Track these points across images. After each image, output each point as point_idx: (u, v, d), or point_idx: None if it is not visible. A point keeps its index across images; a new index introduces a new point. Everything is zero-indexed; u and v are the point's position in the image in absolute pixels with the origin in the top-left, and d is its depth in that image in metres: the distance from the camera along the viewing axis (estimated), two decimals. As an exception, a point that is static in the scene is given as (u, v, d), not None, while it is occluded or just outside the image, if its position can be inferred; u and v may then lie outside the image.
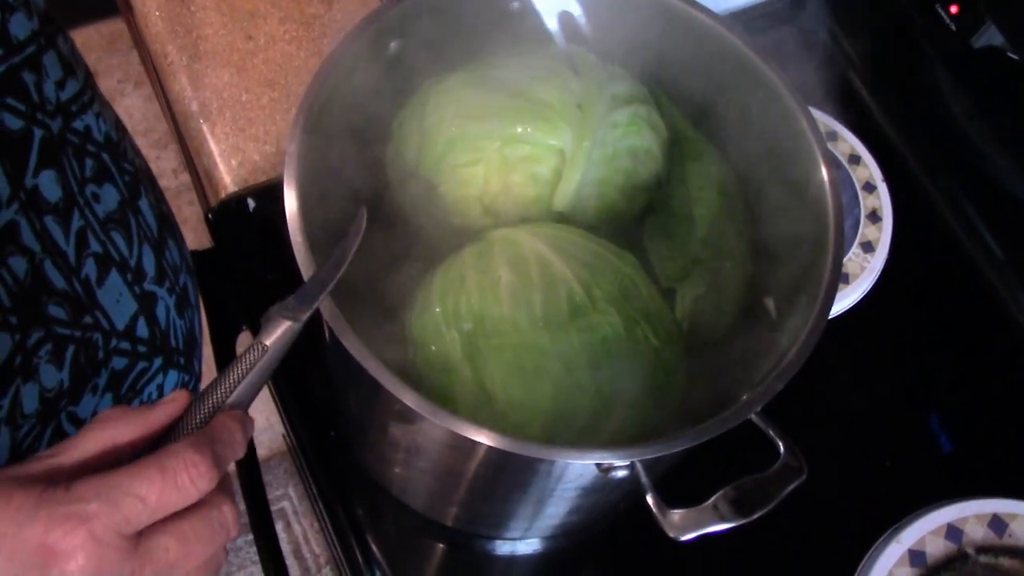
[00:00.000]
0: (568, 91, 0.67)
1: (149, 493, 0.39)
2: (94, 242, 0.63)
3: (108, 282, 0.64)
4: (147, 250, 0.69)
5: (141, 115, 2.08)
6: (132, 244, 0.68)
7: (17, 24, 0.56)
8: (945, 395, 0.87)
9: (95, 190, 0.64)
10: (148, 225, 0.71)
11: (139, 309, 0.68)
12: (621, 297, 0.62)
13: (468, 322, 0.61)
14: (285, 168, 0.59)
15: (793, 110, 0.66)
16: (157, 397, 0.72)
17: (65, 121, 0.61)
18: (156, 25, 0.95)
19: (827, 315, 0.59)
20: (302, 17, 0.95)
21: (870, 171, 0.92)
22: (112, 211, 0.66)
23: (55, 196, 0.59)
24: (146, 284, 0.69)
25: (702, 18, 0.69)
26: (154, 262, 0.70)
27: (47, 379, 0.59)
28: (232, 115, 0.90)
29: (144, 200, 0.71)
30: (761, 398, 0.56)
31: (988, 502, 0.78)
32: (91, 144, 0.64)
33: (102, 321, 0.64)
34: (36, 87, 0.58)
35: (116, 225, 0.66)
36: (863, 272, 0.87)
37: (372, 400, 0.63)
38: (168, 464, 0.40)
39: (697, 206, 0.72)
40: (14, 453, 0.58)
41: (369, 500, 0.78)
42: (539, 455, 0.53)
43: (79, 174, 0.62)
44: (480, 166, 0.66)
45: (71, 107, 0.62)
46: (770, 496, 0.55)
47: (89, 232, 0.62)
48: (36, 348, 0.57)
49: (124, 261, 0.66)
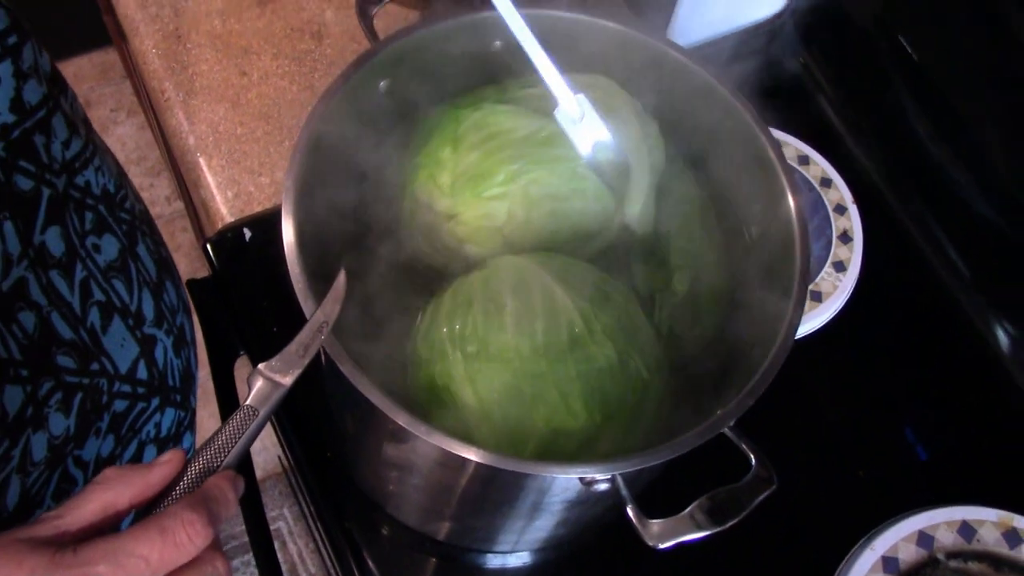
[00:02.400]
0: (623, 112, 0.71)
1: (151, 553, 0.42)
2: (97, 291, 0.65)
3: (112, 328, 0.67)
4: (146, 295, 0.72)
5: (134, 144, 2.11)
6: (132, 290, 0.70)
7: (30, 91, 0.59)
8: (917, 407, 0.90)
9: (95, 241, 0.66)
10: (147, 270, 0.73)
11: (140, 352, 0.70)
12: (618, 331, 0.65)
13: (472, 344, 0.64)
14: (283, 200, 0.62)
15: (760, 141, 0.69)
16: (155, 435, 0.74)
17: (69, 178, 0.64)
18: (153, 62, 0.98)
19: (794, 334, 0.62)
20: (294, 53, 0.99)
21: (841, 193, 0.95)
22: (112, 260, 0.68)
23: (59, 251, 0.62)
24: (146, 328, 0.71)
25: (673, 53, 0.73)
26: (153, 306, 0.72)
27: (55, 427, 0.61)
28: (227, 148, 0.94)
29: (142, 246, 0.74)
30: (733, 413, 0.59)
31: (957, 509, 0.81)
32: (90, 198, 0.67)
33: (107, 366, 0.66)
34: (45, 148, 0.61)
35: (117, 273, 0.68)
36: (835, 291, 0.91)
37: (367, 420, 0.66)
38: (167, 525, 0.43)
39: (673, 220, 0.75)
40: (24, 499, 0.60)
41: (364, 517, 0.80)
42: (525, 470, 0.56)
43: (79, 227, 0.64)
44: (506, 201, 0.69)
45: (75, 164, 0.65)
46: (743, 505, 0.58)
47: (92, 282, 0.65)
48: (47, 398, 0.59)
49: (125, 307, 0.69)
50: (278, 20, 1.01)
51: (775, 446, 0.61)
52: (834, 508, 0.84)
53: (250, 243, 0.89)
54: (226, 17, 1.01)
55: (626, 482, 0.57)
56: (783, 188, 0.68)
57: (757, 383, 0.60)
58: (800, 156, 0.97)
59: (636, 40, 0.74)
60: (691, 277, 0.74)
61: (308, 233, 0.62)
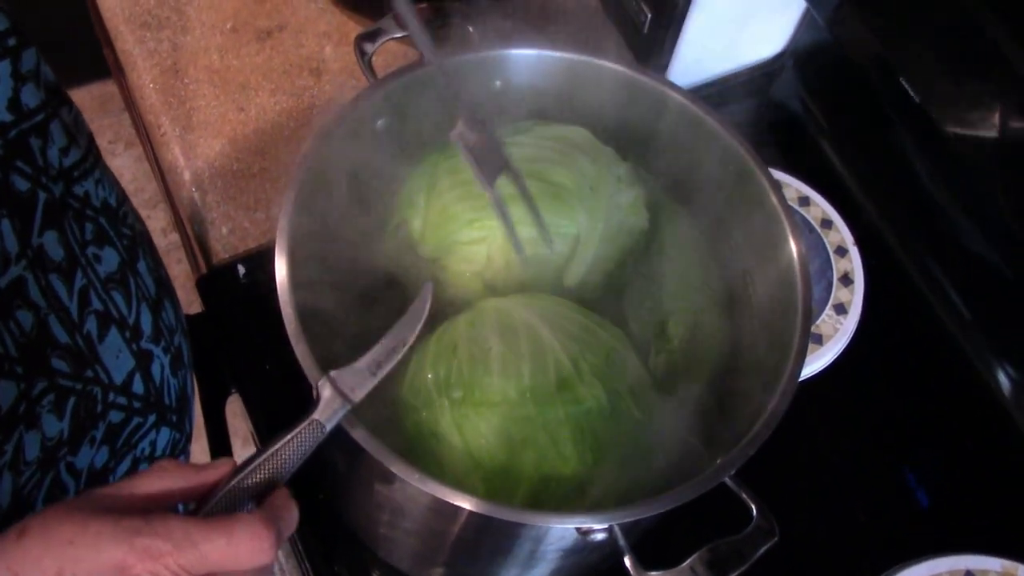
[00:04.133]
0: (582, 174, 0.70)
1: (215, 553, 0.43)
2: (96, 300, 0.66)
3: (108, 338, 0.67)
4: (145, 310, 0.72)
5: (131, 175, 2.11)
6: (131, 303, 0.70)
7: (28, 93, 0.60)
8: (919, 452, 0.89)
9: (96, 251, 0.67)
10: (146, 287, 0.73)
11: (136, 365, 0.70)
12: (607, 370, 0.64)
13: (458, 390, 0.63)
14: (277, 239, 0.62)
15: (761, 182, 0.69)
16: (150, 453, 0.74)
17: (66, 186, 0.64)
18: (150, 97, 0.98)
19: (796, 381, 0.61)
20: (292, 89, 0.99)
21: (842, 235, 0.95)
22: (112, 272, 0.68)
23: (58, 256, 0.62)
24: (143, 342, 0.71)
25: (674, 95, 0.73)
26: (151, 322, 0.72)
27: (49, 428, 0.61)
28: (223, 184, 0.93)
29: (143, 263, 0.74)
30: (734, 463, 0.58)
31: (961, 559, 0.80)
32: (90, 209, 0.67)
33: (101, 375, 0.66)
34: (41, 152, 0.62)
35: (116, 285, 0.69)
36: (836, 333, 0.90)
37: (358, 464, 0.65)
38: (238, 532, 0.43)
39: (669, 263, 0.74)
40: (16, 499, 0.60)
41: (354, 560, 0.79)
42: (520, 519, 0.55)
43: (79, 236, 0.65)
44: (484, 245, 0.69)
45: (72, 173, 0.66)
46: (744, 557, 0.57)
47: (91, 291, 0.65)
48: (40, 398, 0.60)
49: (123, 319, 0.69)
50: (277, 56, 1.01)
51: (773, 490, 0.59)
52: (835, 557, 0.83)
53: (244, 280, 0.88)
54: (224, 52, 1.00)
55: (624, 531, 0.56)
56: (784, 231, 0.67)
57: (758, 432, 0.59)
58: (800, 197, 0.96)
59: (636, 81, 0.73)
60: (686, 322, 0.73)
61: (301, 272, 0.61)
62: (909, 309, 0.96)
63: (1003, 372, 0.92)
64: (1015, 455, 0.90)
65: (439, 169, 0.72)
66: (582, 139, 0.73)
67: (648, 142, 0.76)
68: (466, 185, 0.70)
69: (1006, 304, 0.92)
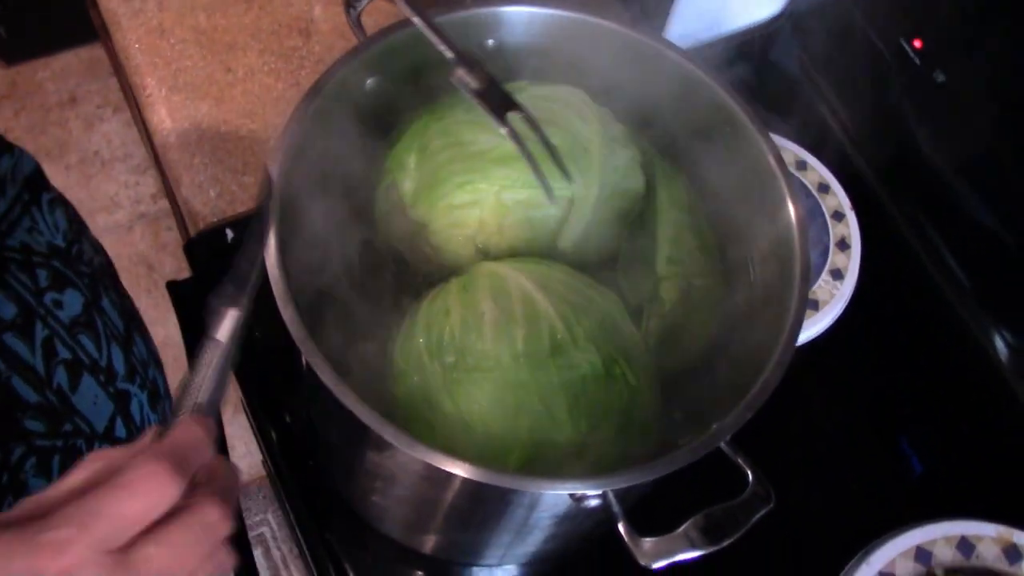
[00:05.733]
0: (576, 136, 0.68)
1: (117, 510, 0.40)
2: (63, 349, 0.63)
3: (82, 386, 0.65)
4: (116, 349, 0.70)
5: (120, 141, 2.08)
6: (101, 345, 0.68)
7: None
8: (914, 418, 0.89)
9: (56, 297, 0.64)
10: (114, 324, 0.71)
11: (115, 409, 0.68)
12: (601, 335, 0.63)
13: (450, 355, 0.62)
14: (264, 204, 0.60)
15: (760, 147, 0.67)
16: None
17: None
18: (135, 57, 0.96)
19: (793, 346, 0.60)
20: (281, 49, 0.97)
21: (839, 200, 0.93)
22: (77, 315, 0.66)
23: (9, 313, 0.59)
24: (119, 383, 0.69)
25: (671, 55, 0.71)
26: (123, 360, 0.70)
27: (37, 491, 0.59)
28: (211, 146, 0.91)
29: (106, 299, 0.71)
30: (730, 428, 0.57)
31: (956, 524, 0.79)
32: (36, 256, 0.64)
33: (82, 426, 0.64)
34: None
35: (83, 328, 0.66)
36: (833, 299, 0.89)
37: (349, 431, 0.64)
38: (129, 479, 0.41)
39: (662, 227, 0.73)
40: None
41: (347, 528, 0.78)
42: (513, 486, 0.54)
43: (33, 285, 0.62)
44: (476, 208, 0.67)
45: (0, 226, 0.62)
46: (739, 524, 0.56)
47: (56, 340, 0.63)
48: (21, 463, 0.58)
49: (95, 363, 0.66)
50: (265, 16, 0.99)
51: (768, 456, 0.59)
52: (829, 522, 0.83)
53: (232, 244, 0.86)
54: (211, 12, 0.98)
55: (617, 498, 0.55)
56: (783, 195, 0.66)
57: (754, 397, 0.58)
58: (798, 161, 0.95)
59: (633, 40, 0.72)
60: (680, 287, 0.71)
61: (289, 237, 0.60)
62: (906, 274, 0.95)
63: (1000, 338, 0.91)
64: (1010, 421, 0.89)
65: (430, 130, 0.70)
66: (577, 100, 0.71)
67: (645, 103, 0.74)
68: (458, 147, 0.68)
69: (1004, 270, 0.91)
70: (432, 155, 0.69)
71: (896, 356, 0.91)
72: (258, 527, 1.73)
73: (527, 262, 0.68)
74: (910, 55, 0.91)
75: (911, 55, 0.91)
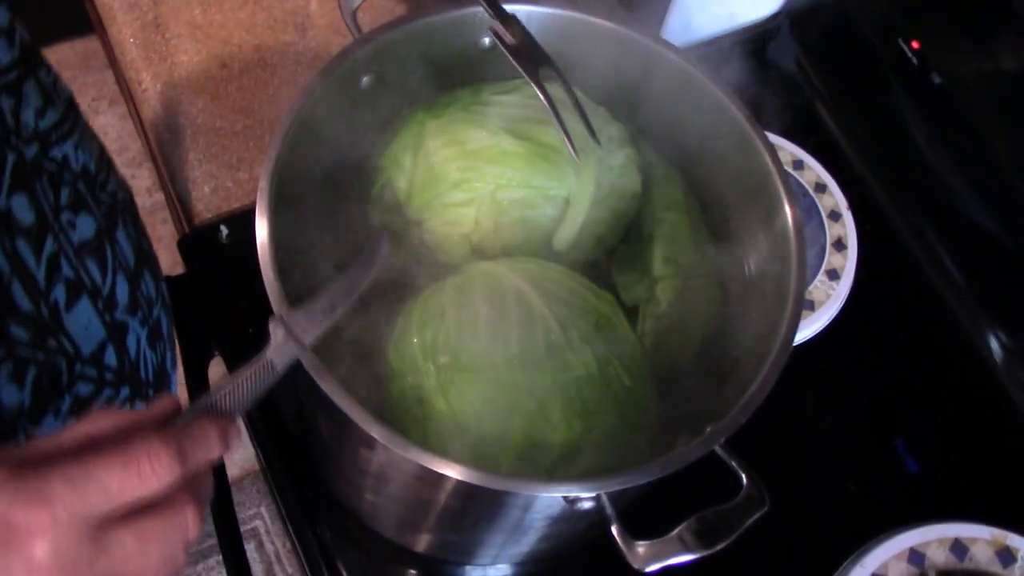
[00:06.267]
0: (572, 135, 0.68)
1: (111, 479, 0.39)
2: (66, 267, 0.63)
3: (78, 308, 0.64)
4: (121, 280, 0.70)
5: (116, 133, 2.08)
6: (107, 273, 0.68)
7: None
8: (910, 419, 0.89)
9: (71, 218, 0.64)
10: (124, 256, 0.71)
11: (108, 337, 0.68)
12: (597, 336, 0.63)
13: (445, 355, 0.62)
14: (258, 200, 0.60)
15: (757, 146, 0.67)
16: None
17: (42, 148, 0.62)
18: (131, 52, 0.95)
19: (789, 348, 0.60)
20: (277, 45, 0.96)
21: (836, 199, 0.93)
22: (88, 239, 0.66)
23: (27, 220, 0.60)
24: (118, 313, 0.69)
25: (668, 54, 0.71)
26: (128, 292, 0.70)
27: (8, 397, 0.59)
28: (206, 142, 0.91)
29: (122, 231, 0.72)
30: (725, 431, 0.57)
31: (950, 526, 0.79)
32: (67, 173, 0.65)
33: (67, 346, 0.64)
34: (13, 113, 0.59)
35: (91, 253, 0.66)
36: (828, 299, 0.89)
37: (341, 428, 0.64)
38: (131, 452, 0.40)
39: (659, 227, 0.73)
40: None
41: (339, 525, 0.78)
42: (506, 488, 0.53)
43: (53, 201, 0.63)
44: (472, 207, 0.67)
45: (50, 136, 0.63)
46: (733, 527, 0.56)
47: (62, 257, 0.63)
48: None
49: (96, 289, 0.66)
50: (261, 11, 0.98)
51: (762, 457, 0.59)
52: (823, 523, 0.82)
53: (227, 241, 0.86)
54: (207, 7, 0.98)
55: (611, 500, 0.55)
56: (779, 194, 0.66)
57: (749, 399, 0.58)
58: (795, 160, 0.95)
59: (630, 39, 0.71)
60: (675, 287, 0.71)
61: (283, 234, 0.60)
62: (903, 275, 0.95)
63: (996, 340, 0.91)
64: (1006, 423, 0.89)
65: (427, 128, 0.70)
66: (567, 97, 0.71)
67: (641, 102, 0.74)
68: (454, 145, 0.68)
69: (1002, 271, 0.91)
70: (428, 154, 0.68)
71: (892, 357, 0.91)
72: (251, 521, 1.72)
73: (522, 262, 0.67)
74: (908, 56, 0.91)
75: (909, 56, 0.91)
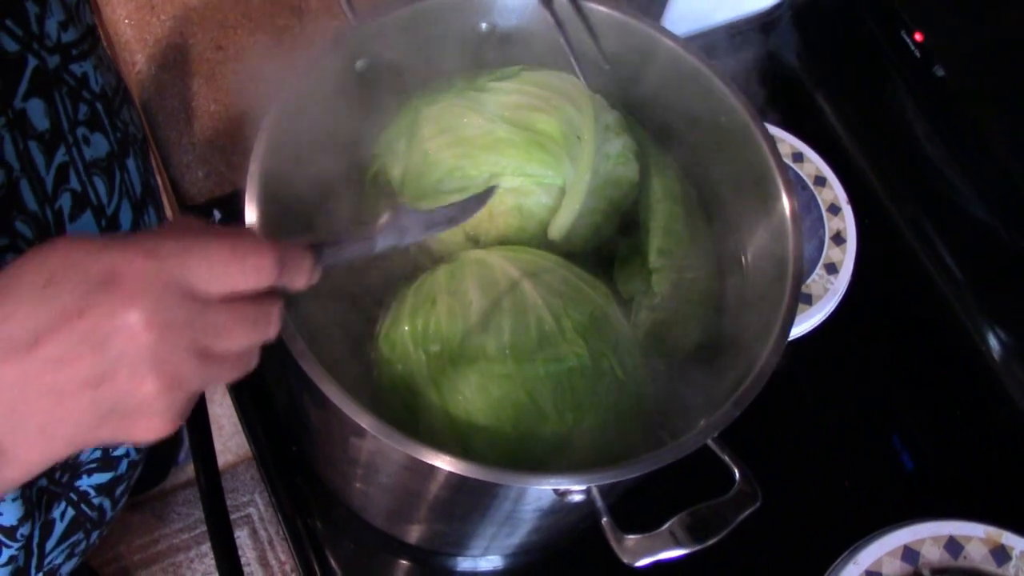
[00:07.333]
0: (569, 123, 0.67)
1: (218, 261, 0.39)
2: (74, 179, 0.63)
3: (81, 220, 0.64)
4: (126, 205, 0.70)
5: (112, 116, 2.06)
6: (113, 194, 0.68)
7: None
8: (905, 415, 0.88)
9: (86, 134, 0.64)
10: (132, 185, 0.71)
11: None
12: (591, 328, 0.62)
13: (436, 344, 0.61)
14: (247, 185, 0.59)
15: (756, 137, 0.66)
16: None
17: (63, 61, 0.62)
18: (125, 33, 0.94)
19: (784, 342, 0.59)
20: (272, 29, 0.95)
21: (835, 193, 0.92)
22: (99, 158, 0.66)
23: (43, 125, 0.60)
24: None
25: (668, 43, 0.70)
26: (131, 218, 0.70)
27: None
28: (200, 125, 0.90)
29: (132, 161, 0.72)
30: (718, 425, 0.56)
31: (944, 524, 0.79)
32: (87, 91, 0.65)
33: None
34: (37, 19, 0.59)
35: (100, 172, 0.66)
36: (827, 293, 0.88)
37: (331, 418, 0.63)
38: (241, 244, 0.40)
39: (654, 217, 0.72)
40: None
41: (329, 514, 0.78)
42: (496, 480, 0.53)
43: (72, 115, 0.63)
44: (466, 194, 0.66)
45: (71, 50, 0.63)
46: (725, 522, 0.55)
47: (71, 169, 0.63)
48: (2, 252, 0.57)
49: (101, 207, 0.66)
50: (257, -7, 0.97)
51: (755, 451, 0.58)
52: (817, 519, 0.82)
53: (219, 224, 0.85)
54: (203, -12, 0.97)
55: (602, 493, 0.55)
56: (778, 187, 0.65)
57: (743, 393, 0.57)
58: (794, 153, 0.94)
59: (630, 27, 0.70)
60: (671, 279, 0.70)
61: (273, 220, 0.59)
62: (901, 270, 0.94)
63: (994, 336, 0.90)
64: (1002, 420, 0.89)
65: (421, 115, 0.69)
66: (570, 86, 0.70)
67: (640, 91, 0.73)
68: (449, 132, 0.67)
69: (1001, 267, 0.90)
70: (422, 140, 0.67)
71: (889, 353, 0.91)
72: (245, 508, 1.72)
73: (517, 251, 0.67)
74: (910, 48, 0.90)
75: (911, 48, 0.90)
